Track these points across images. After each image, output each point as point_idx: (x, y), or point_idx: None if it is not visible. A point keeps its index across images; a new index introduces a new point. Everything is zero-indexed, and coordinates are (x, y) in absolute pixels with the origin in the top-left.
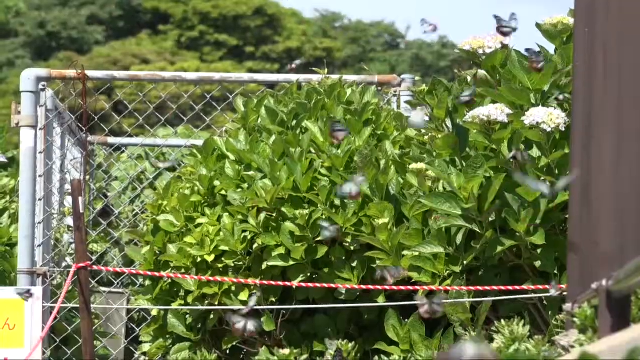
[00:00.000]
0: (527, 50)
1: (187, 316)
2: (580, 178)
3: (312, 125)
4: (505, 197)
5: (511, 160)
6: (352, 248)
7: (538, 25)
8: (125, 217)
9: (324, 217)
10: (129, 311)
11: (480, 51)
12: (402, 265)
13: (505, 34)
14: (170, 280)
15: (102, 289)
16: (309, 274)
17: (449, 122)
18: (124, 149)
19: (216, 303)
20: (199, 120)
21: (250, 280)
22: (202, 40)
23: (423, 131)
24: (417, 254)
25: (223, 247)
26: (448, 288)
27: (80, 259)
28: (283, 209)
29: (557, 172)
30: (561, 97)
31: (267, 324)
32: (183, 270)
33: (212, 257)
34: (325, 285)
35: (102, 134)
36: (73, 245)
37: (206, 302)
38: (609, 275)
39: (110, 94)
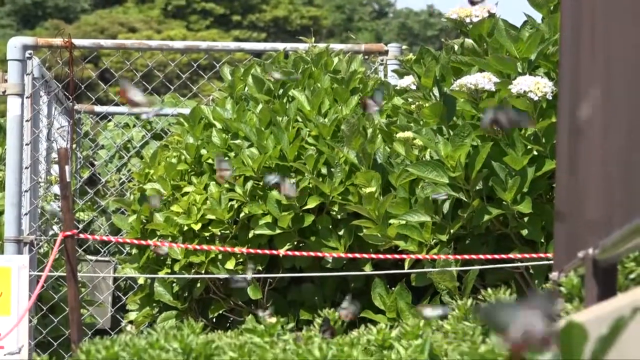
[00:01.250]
0: None
1: (174, 285)
2: (567, 146)
3: (299, 94)
4: (492, 166)
5: (493, 124)
6: (338, 217)
7: None
8: (112, 186)
9: (310, 185)
10: (115, 279)
11: (467, 20)
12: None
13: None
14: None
15: (89, 257)
16: (295, 243)
17: (436, 91)
18: (110, 117)
19: (203, 272)
20: (185, 88)
21: (237, 249)
22: (188, 8)
23: (410, 100)
24: (403, 222)
25: (210, 216)
26: (435, 257)
27: (67, 228)
28: None
29: (544, 140)
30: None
31: (253, 293)
32: (169, 239)
33: (199, 225)
34: (312, 253)
35: (89, 103)
36: (60, 214)
37: (193, 270)
38: (596, 244)
39: (96, 62)
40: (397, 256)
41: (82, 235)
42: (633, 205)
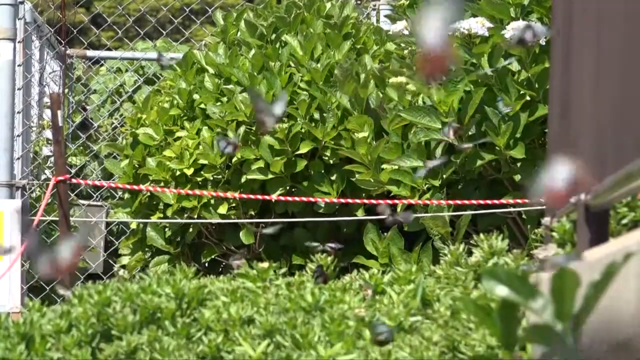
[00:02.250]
0: None
1: (166, 229)
2: (559, 92)
3: (292, 39)
4: (485, 111)
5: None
6: (331, 162)
7: None
8: (104, 131)
9: (303, 130)
10: (108, 224)
11: None
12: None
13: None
14: (149, 194)
15: (81, 202)
16: (288, 188)
17: None
18: (102, 62)
19: (195, 216)
20: (178, 33)
21: (229, 194)
22: None
23: (403, 45)
24: (396, 167)
25: (202, 161)
26: (427, 202)
27: (59, 172)
28: None
29: (537, 85)
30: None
31: (245, 237)
32: (162, 184)
33: (191, 170)
34: (305, 198)
35: (81, 47)
36: (52, 159)
37: (185, 215)
38: (588, 190)
39: (89, 6)
40: (389, 201)
41: (74, 180)
42: (625, 150)
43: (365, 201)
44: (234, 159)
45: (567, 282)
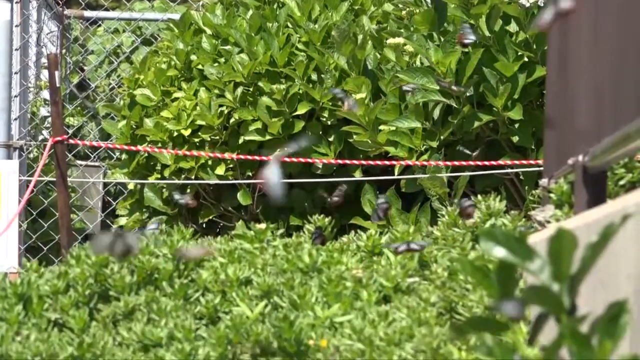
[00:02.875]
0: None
1: (164, 190)
2: (557, 53)
3: (289, 0)
4: (482, 72)
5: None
6: (329, 123)
7: None
8: (101, 91)
9: (300, 91)
10: (105, 185)
11: None
12: (378, 140)
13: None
14: (146, 154)
15: (79, 162)
16: (285, 149)
17: None
18: (100, 22)
19: (193, 177)
20: None
21: (227, 155)
22: None
23: (401, 6)
24: (394, 128)
25: (199, 122)
26: (425, 163)
27: (57, 133)
28: (260, 84)
29: (535, 47)
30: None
31: (243, 198)
32: (159, 145)
33: (189, 131)
34: (302, 159)
35: (78, 8)
36: (49, 119)
37: (182, 176)
38: (586, 151)
39: None
40: (387, 162)
41: (71, 141)
42: (622, 112)
43: (363, 162)
44: (232, 120)
45: (565, 244)
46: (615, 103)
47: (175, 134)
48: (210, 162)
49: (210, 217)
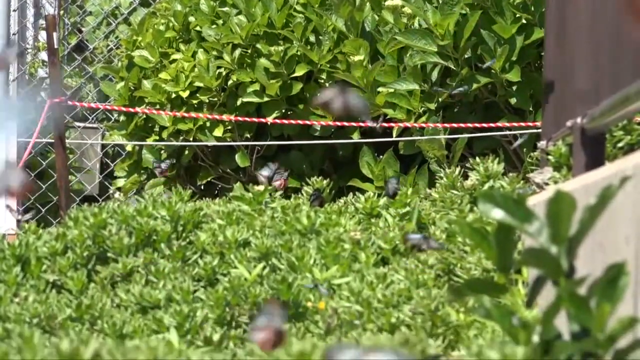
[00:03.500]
0: None
1: (162, 152)
2: (556, 15)
3: None
4: (480, 34)
5: None
6: (326, 85)
7: None
8: (99, 53)
9: (299, 53)
10: (103, 146)
11: None
12: (376, 102)
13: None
14: (144, 116)
15: (77, 124)
16: (283, 111)
17: None
18: None
19: (191, 139)
20: None
21: (225, 117)
22: None
23: None
24: (392, 90)
25: (198, 83)
26: (423, 125)
27: (55, 94)
28: (258, 46)
29: (533, 8)
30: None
31: (241, 160)
32: (157, 106)
33: (187, 93)
34: (300, 121)
35: None
36: (47, 80)
37: (181, 138)
38: (584, 113)
39: None
40: (385, 124)
41: (69, 102)
42: (621, 74)
43: (361, 124)
44: (230, 82)
45: (563, 206)
46: (614, 65)
47: (174, 95)
48: (208, 124)
49: (209, 179)
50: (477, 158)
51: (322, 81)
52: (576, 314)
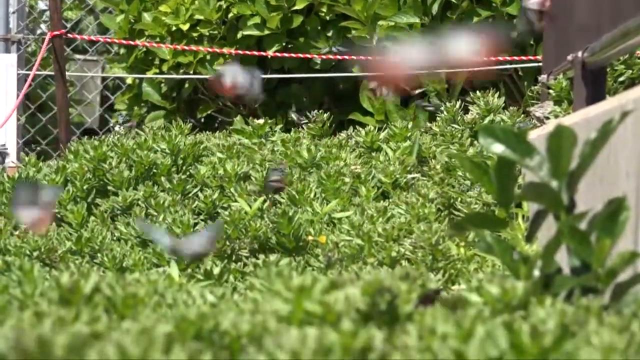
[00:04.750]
0: None
1: (162, 85)
2: None
3: None
4: None
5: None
6: (327, 18)
7: None
8: None
9: None
10: (103, 79)
11: None
12: None
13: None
14: (145, 49)
15: (77, 56)
16: (284, 44)
17: None
18: None
19: (191, 72)
20: None
21: (225, 50)
22: None
23: None
24: (392, 23)
25: (198, 16)
26: None
27: (55, 27)
28: None
29: None
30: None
31: None
32: (158, 39)
33: (187, 25)
34: (301, 55)
35: None
36: (47, 13)
37: (181, 70)
38: (585, 47)
39: None
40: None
41: (70, 35)
42: (622, 8)
43: (361, 57)
44: (230, 14)
45: (564, 140)
46: (614, 0)
47: (174, 28)
48: (208, 57)
49: (209, 112)
50: (478, 92)
51: (323, 14)
52: (576, 248)
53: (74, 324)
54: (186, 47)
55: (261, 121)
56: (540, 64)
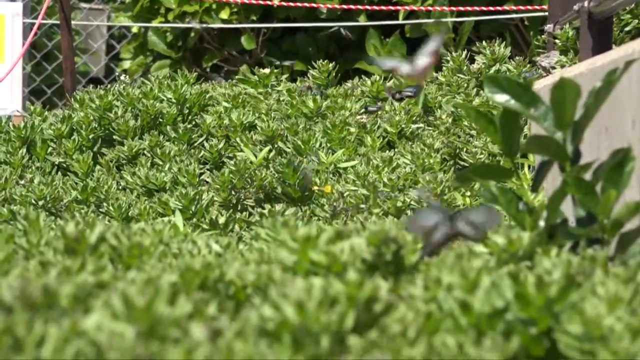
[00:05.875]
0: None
1: (168, 34)
2: None
3: None
4: None
5: None
6: None
7: None
8: None
9: None
10: (109, 28)
11: None
12: None
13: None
14: None
15: (83, 5)
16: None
17: None
18: None
19: (197, 21)
20: None
21: None
22: None
23: None
24: None
25: None
26: (430, 8)
27: None
28: None
29: None
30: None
31: (247, 43)
32: None
33: None
34: (307, 4)
35: None
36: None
37: (187, 19)
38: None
39: None
40: (392, 7)
41: None
42: None
43: (368, 7)
44: None
45: (567, 92)
46: None
47: None
48: (214, 6)
49: (214, 62)
50: (484, 41)
51: None
52: (582, 199)
53: (79, 274)
54: None
55: (267, 70)
56: (547, 13)
